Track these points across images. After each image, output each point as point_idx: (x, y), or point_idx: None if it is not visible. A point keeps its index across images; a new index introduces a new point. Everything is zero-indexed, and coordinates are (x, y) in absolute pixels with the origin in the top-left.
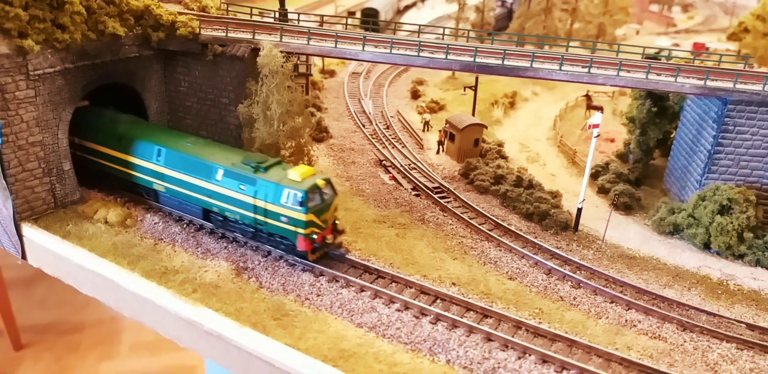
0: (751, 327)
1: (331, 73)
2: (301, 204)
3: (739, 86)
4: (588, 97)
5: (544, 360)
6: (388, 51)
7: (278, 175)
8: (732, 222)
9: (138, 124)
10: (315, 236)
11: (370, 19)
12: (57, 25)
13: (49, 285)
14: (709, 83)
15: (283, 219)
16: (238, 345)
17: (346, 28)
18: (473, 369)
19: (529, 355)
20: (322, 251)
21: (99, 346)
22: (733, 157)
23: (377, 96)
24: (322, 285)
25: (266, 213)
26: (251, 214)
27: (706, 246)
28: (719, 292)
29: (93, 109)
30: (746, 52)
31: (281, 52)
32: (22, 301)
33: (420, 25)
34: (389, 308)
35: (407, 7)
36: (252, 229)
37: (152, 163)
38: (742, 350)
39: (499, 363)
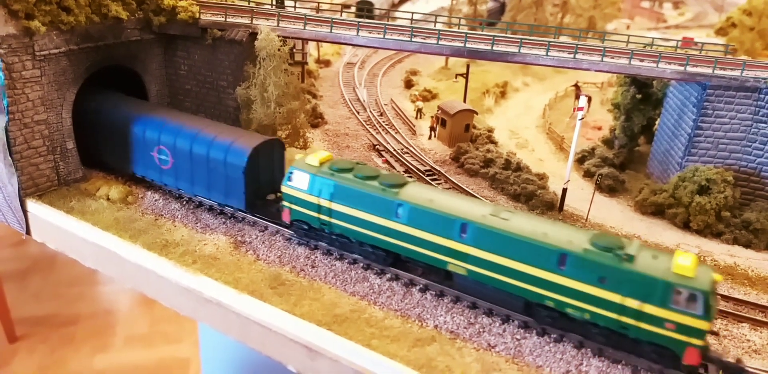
0: (725, 298)
1: (327, 63)
2: (704, 309)
3: (717, 72)
4: (577, 87)
5: (527, 324)
6: (381, 36)
7: (656, 266)
8: (710, 202)
9: (421, 190)
10: (707, 346)
11: (365, 7)
12: (62, 7)
13: (44, 278)
14: (689, 69)
15: (668, 325)
16: (237, 311)
17: (341, 15)
18: (459, 333)
19: (513, 321)
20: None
21: (93, 339)
22: (712, 140)
23: (371, 85)
24: (316, 257)
25: (639, 315)
26: (613, 315)
27: (686, 225)
28: None
29: (344, 164)
30: (733, 47)
31: (278, 36)
32: (16, 294)
33: (413, 13)
34: (381, 278)
35: (402, 1)
36: (606, 331)
37: (451, 241)
38: (716, 319)
39: (483, 327)
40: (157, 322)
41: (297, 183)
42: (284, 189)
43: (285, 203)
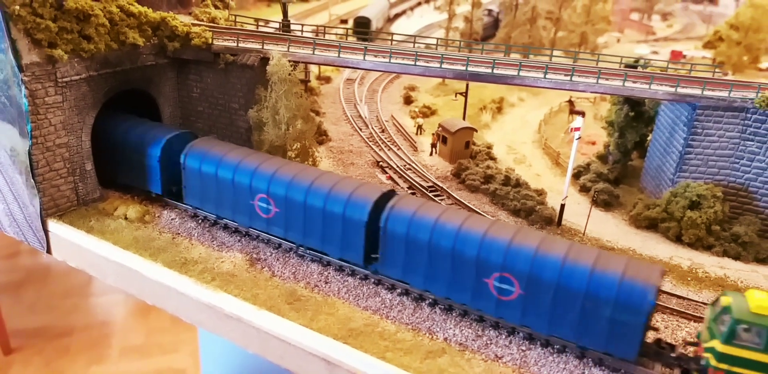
0: None
1: (327, 80)
2: None
3: (706, 93)
4: (571, 102)
5: (531, 336)
6: (387, 60)
7: None
8: (701, 216)
9: None
10: None
11: (362, 29)
12: (83, 36)
13: (38, 289)
14: (680, 90)
15: None
16: (256, 327)
17: (346, 38)
18: (468, 345)
19: (518, 333)
20: None
21: (89, 350)
22: (702, 157)
23: (372, 101)
24: (329, 273)
25: None
26: None
27: (678, 239)
28: (689, 279)
29: None
30: (720, 60)
31: (289, 61)
32: (11, 306)
33: (415, 36)
34: (392, 293)
35: (397, 16)
36: None
37: None
38: None
39: (491, 339)
40: (153, 333)
41: (749, 340)
42: (725, 348)
43: (721, 366)
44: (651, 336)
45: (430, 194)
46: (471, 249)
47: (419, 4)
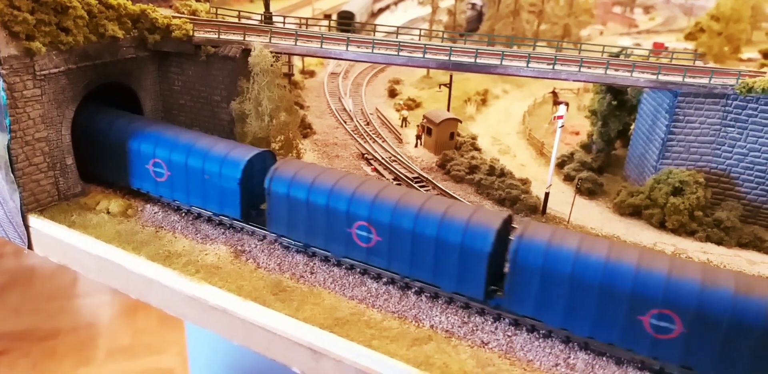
0: None
1: (311, 74)
2: None
3: (687, 80)
4: (555, 93)
5: (517, 322)
6: (370, 51)
7: None
8: (684, 203)
9: None
10: None
11: (346, 21)
12: (61, 28)
13: (23, 292)
14: (661, 77)
15: None
16: (242, 318)
17: (329, 30)
18: (454, 332)
19: (504, 319)
20: None
21: (75, 352)
22: (684, 144)
23: (356, 95)
24: (315, 264)
25: None
26: None
27: (662, 225)
28: None
29: None
30: (702, 51)
31: (271, 52)
32: None
33: (397, 27)
34: (378, 282)
35: (381, 10)
36: None
37: None
38: None
39: (476, 326)
40: (139, 334)
41: None
42: None
43: None
44: None
45: (415, 185)
46: (623, 284)
47: None
